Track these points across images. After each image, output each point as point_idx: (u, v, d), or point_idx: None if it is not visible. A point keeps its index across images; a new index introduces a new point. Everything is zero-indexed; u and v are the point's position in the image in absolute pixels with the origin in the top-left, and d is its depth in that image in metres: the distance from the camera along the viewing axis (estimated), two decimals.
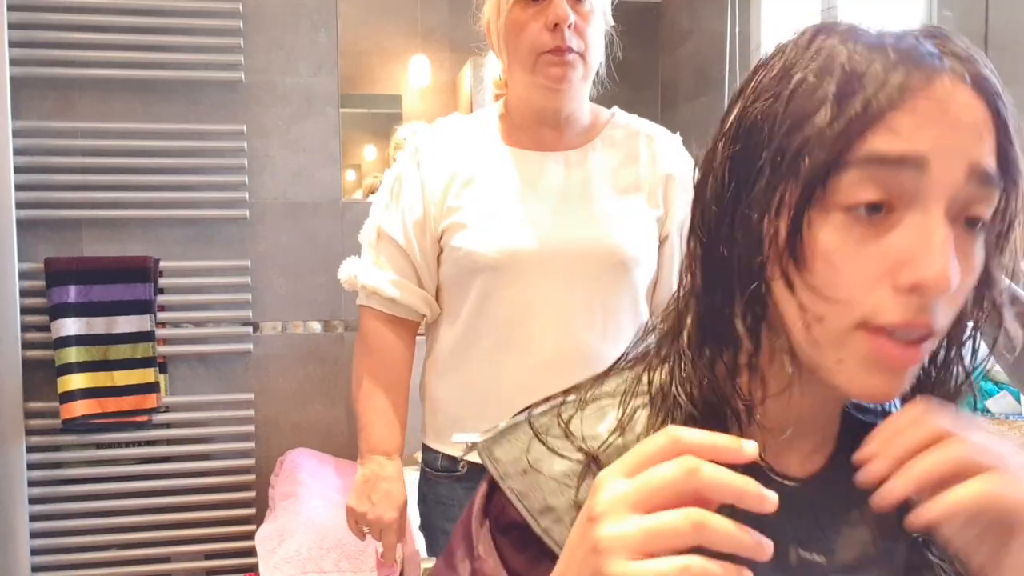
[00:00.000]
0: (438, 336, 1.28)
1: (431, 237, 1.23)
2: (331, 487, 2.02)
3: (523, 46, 1.17)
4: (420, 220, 1.23)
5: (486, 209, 1.20)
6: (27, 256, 2.12)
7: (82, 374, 2.10)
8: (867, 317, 0.46)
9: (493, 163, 1.23)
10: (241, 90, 2.25)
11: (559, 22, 1.14)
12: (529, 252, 1.17)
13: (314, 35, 2.30)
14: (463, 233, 1.19)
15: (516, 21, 1.17)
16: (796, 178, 0.46)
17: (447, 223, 1.21)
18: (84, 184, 2.15)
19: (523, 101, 1.24)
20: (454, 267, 1.22)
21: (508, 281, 1.18)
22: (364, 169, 2.59)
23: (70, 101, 2.17)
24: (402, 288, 1.25)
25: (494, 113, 1.29)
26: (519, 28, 1.17)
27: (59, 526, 2.16)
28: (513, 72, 1.22)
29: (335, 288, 2.31)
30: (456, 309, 1.24)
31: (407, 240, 1.24)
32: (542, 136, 1.24)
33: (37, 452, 2.14)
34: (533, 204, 1.20)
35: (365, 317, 1.29)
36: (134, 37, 2.16)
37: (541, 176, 1.23)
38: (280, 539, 1.80)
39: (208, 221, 2.24)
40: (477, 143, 1.25)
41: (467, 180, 1.22)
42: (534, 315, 1.18)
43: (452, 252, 1.21)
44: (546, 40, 1.15)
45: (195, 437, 2.25)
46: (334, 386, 2.34)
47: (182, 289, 2.23)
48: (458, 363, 1.24)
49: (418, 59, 2.56)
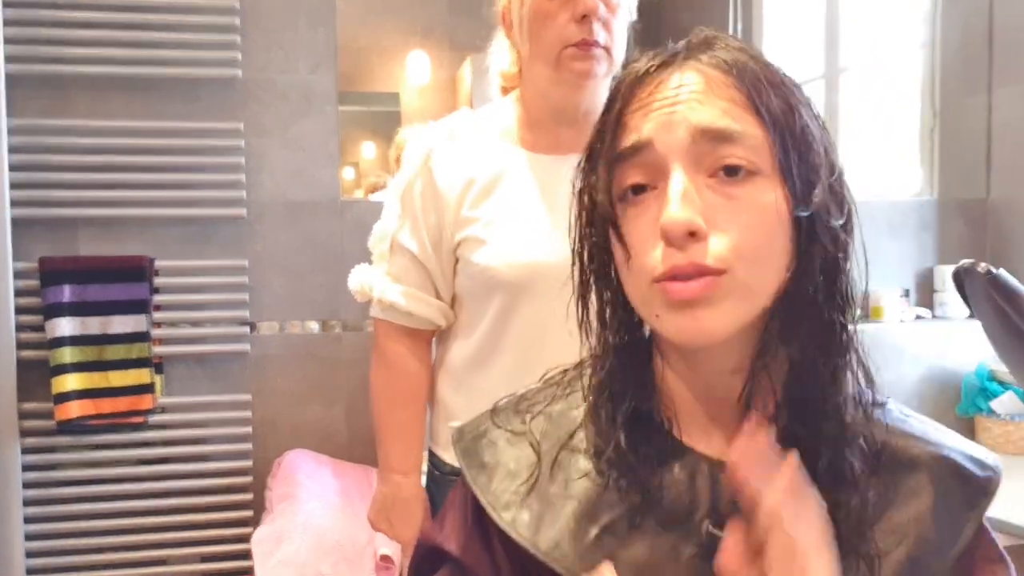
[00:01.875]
0: (452, 348, 1.25)
1: (447, 246, 1.19)
2: (329, 489, 2.00)
3: (547, 38, 1.11)
4: (435, 229, 1.19)
5: (505, 223, 1.15)
6: (22, 255, 2.10)
7: (77, 375, 2.08)
8: (650, 274, 0.56)
9: (510, 170, 1.17)
10: (238, 88, 2.23)
11: (588, 13, 1.08)
12: (549, 269, 1.11)
13: (312, 32, 2.28)
14: (482, 249, 1.15)
15: (541, 10, 1.11)
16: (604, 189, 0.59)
17: (463, 235, 1.17)
18: (79, 183, 2.13)
19: (542, 97, 1.19)
20: (471, 281, 1.18)
21: (527, 299, 1.14)
22: (363, 167, 2.58)
23: (66, 99, 2.15)
24: (418, 301, 1.22)
25: (509, 112, 1.23)
26: (544, 18, 1.11)
27: (54, 528, 2.14)
28: (533, 65, 1.16)
29: (333, 288, 2.30)
30: (473, 323, 1.20)
31: (423, 250, 1.20)
32: (560, 137, 1.18)
33: (32, 453, 2.12)
34: (552, 216, 1.14)
35: (381, 330, 1.27)
36: (130, 34, 2.14)
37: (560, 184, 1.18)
38: (277, 541, 1.78)
39: (205, 220, 2.22)
40: (492, 147, 1.19)
41: (484, 189, 1.16)
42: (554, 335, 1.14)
43: (469, 266, 1.17)
44: (572, 32, 1.10)
45: (191, 438, 2.23)
46: (332, 387, 2.32)
47: (178, 289, 2.21)
48: (472, 378, 1.21)
49: (417, 56, 2.54)
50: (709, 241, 0.54)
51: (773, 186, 0.56)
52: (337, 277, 2.28)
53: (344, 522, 1.84)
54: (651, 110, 0.57)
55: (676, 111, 0.56)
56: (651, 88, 0.58)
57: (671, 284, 0.55)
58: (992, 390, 2.19)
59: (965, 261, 1.59)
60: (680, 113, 0.56)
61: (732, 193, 0.55)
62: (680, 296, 0.54)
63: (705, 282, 0.54)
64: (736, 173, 0.56)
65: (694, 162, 0.55)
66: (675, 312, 0.55)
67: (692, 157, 0.55)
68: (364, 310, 2.31)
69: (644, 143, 0.56)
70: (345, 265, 2.34)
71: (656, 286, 0.56)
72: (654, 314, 0.57)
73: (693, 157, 0.55)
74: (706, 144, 0.55)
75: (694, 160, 0.55)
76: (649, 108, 0.57)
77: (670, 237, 0.54)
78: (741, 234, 0.55)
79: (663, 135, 0.56)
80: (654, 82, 0.58)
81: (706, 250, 0.54)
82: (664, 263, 0.55)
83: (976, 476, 0.63)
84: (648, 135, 0.56)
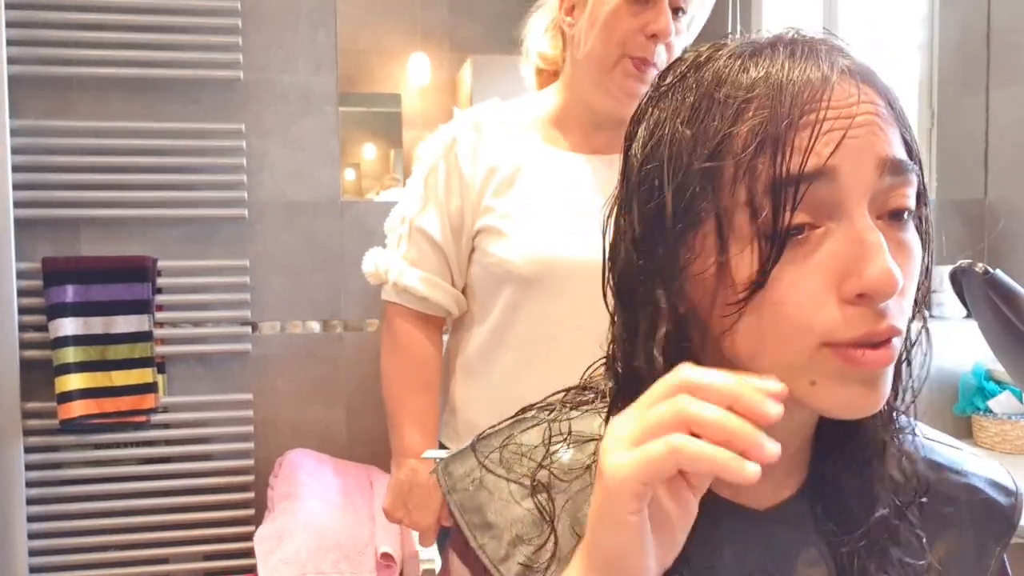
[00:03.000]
0: (470, 337, 1.24)
1: (467, 233, 1.18)
2: (330, 488, 2.01)
3: (613, 40, 1.10)
4: (458, 215, 1.18)
5: (524, 218, 1.14)
6: (25, 256, 2.11)
7: (80, 374, 2.09)
8: (826, 337, 0.45)
9: (532, 164, 1.17)
10: (239, 89, 2.24)
11: (659, 35, 1.08)
12: (563, 266, 1.11)
13: (313, 33, 2.29)
14: (501, 242, 1.14)
15: (618, 12, 1.09)
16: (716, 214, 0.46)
17: (482, 224, 1.16)
18: (82, 183, 2.14)
19: (582, 99, 1.17)
20: (484, 272, 1.18)
21: (537, 295, 1.14)
22: (363, 168, 2.58)
23: (68, 100, 2.16)
24: (434, 287, 1.21)
25: (541, 105, 1.22)
26: (618, 21, 1.09)
27: (57, 527, 2.15)
28: (585, 63, 1.14)
29: (334, 288, 2.31)
30: (484, 314, 1.20)
31: (444, 235, 1.19)
32: (591, 138, 1.18)
33: (35, 452, 2.13)
34: (571, 213, 1.13)
35: (393, 313, 1.25)
36: (132, 35, 2.15)
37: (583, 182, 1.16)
38: (279, 540, 1.79)
39: (206, 220, 2.23)
40: (517, 139, 1.18)
41: (506, 180, 1.16)
42: (563, 333, 1.13)
43: (484, 256, 1.17)
44: (640, 44, 1.09)
45: (193, 437, 2.24)
46: (333, 386, 2.33)
47: (180, 289, 2.22)
48: (484, 368, 1.21)
49: (418, 58, 2.55)
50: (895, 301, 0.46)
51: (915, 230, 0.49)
52: (338, 277, 2.29)
53: (345, 521, 1.85)
54: (828, 128, 0.44)
55: (860, 135, 0.45)
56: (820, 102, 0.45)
57: (860, 352, 0.45)
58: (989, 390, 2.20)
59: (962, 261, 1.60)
60: (865, 138, 0.45)
61: (901, 240, 0.47)
62: (876, 366, 0.45)
63: (891, 348, 0.46)
64: (900, 217, 0.47)
65: (872, 202, 0.46)
66: (851, 384, 0.46)
67: (874, 196, 0.46)
68: (365, 310, 2.33)
69: (828, 171, 0.44)
70: (346, 265, 2.36)
71: (828, 351, 0.45)
72: (808, 381, 0.46)
73: (875, 196, 0.46)
74: (886, 180, 0.46)
75: (874, 199, 0.46)
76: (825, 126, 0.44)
77: (876, 298, 0.44)
78: (909, 288, 0.47)
79: (850, 163, 0.44)
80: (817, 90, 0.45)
81: (900, 312, 0.46)
82: (859, 327, 0.45)
83: (1002, 506, 0.60)
84: (832, 162, 0.44)
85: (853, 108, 0.45)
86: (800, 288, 0.45)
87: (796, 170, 0.44)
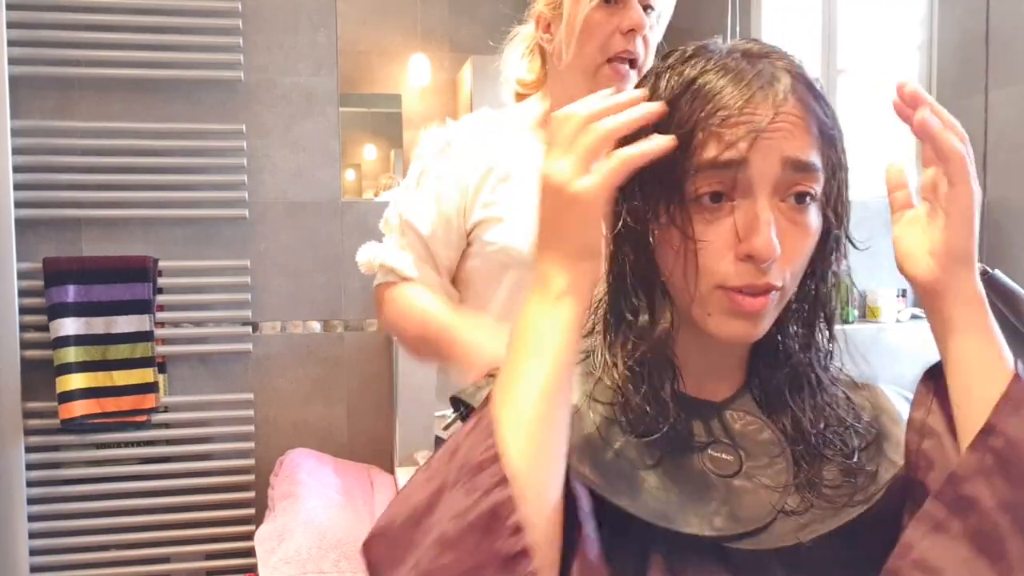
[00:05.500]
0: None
1: (460, 231, 1.20)
2: (330, 487, 2.02)
3: (593, 44, 1.14)
4: (450, 212, 1.20)
5: (523, 208, 1.15)
6: (26, 256, 2.11)
7: (81, 374, 2.09)
8: (720, 282, 0.60)
9: (528, 161, 1.17)
10: (240, 90, 2.25)
11: (635, 28, 1.12)
12: None
13: (313, 34, 2.29)
14: (499, 227, 1.17)
15: (593, 18, 1.14)
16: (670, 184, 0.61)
17: (480, 217, 1.18)
18: (83, 183, 2.15)
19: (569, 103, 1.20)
20: (485, 262, 1.19)
21: None
22: (364, 169, 2.59)
23: (69, 100, 2.17)
24: (423, 271, 1.22)
25: (531, 114, 1.25)
26: (595, 25, 1.14)
27: (58, 526, 2.16)
28: (569, 72, 1.18)
29: (335, 288, 2.32)
30: (482, 302, 1.21)
31: (432, 233, 1.21)
32: None
33: (36, 452, 2.14)
34: None
35: (382, 290, 1.24)
36: (133, 36, 2.16)
37: None
38: (279, 539, 1.79)
39: (207, 221, 2.24)
40: (511, 139, 1.22)
41: (503, 176, 1.19)
42: None
43: (484, 246, 1.18)
44: (617, 43, 1.13)
45: (194, 437, 2.24)
46: (333, 386, 2.33)
47: (181, 289, 2.22)
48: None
49: (418, 59, 2.56)
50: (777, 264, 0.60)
51: (820, 210, 0.63)
52: (338, 277, 2.30)
53: (345, 520, 1.86)
54: (749, 128, 0.59)
55: (773, 139, 0.59)
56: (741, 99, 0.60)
57: (741, 296, 0.60)
58: None
59: None
60: (777, 142, 0.59)
61: (797, 219, 0.61)
62: (749, 309, 0.61)
63: (768, 297, 0.61)
64: (804, 200, 0.61)
65: (774, 187, 0.60)
66: (732, 318, 0.62)
67: (777, 184, 0.60)
68: (365, 310, 2.34)
69: (739, 162, 0.59)
70: (346, 265, 2.36)
71: (720, 292, 0.61)
72: (706, 312, 0.62)
73: (778, 184, 0.60)
74: (789, 173, 0.60)
75: (775, 185, 0.60)
76: (744, 124, 0.59)
77: (757, 261, 0.59)
78: (798, 257, 0.62)
79: (759, 158, 0.59)
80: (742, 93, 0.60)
81: (778, 272, 0.60)
82: (740, 278, 0.60)
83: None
84: (745, 155, 0.59)
85: (776, 116, 0.59)
86: (709, 243, 0.60)
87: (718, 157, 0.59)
